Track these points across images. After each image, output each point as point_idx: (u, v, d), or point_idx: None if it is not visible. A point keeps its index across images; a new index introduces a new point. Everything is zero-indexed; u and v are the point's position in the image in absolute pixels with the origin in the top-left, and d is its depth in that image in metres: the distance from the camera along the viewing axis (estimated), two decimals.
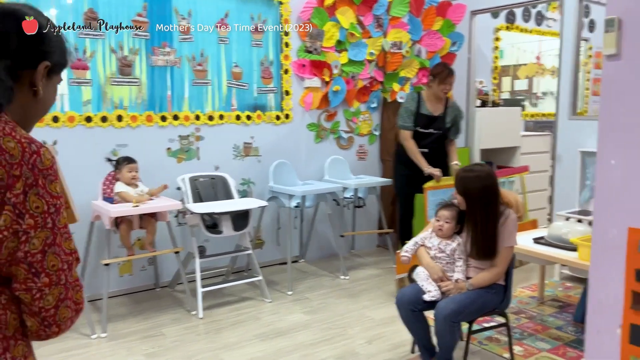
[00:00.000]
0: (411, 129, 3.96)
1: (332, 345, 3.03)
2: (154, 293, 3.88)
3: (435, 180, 3.88)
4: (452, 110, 4.09)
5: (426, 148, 3.99)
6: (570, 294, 3.85)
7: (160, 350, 2.98)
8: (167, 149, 3.91)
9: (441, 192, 3.84)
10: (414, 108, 3.96)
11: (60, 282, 0.97)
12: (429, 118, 3.99)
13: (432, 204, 3.76)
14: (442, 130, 4.03)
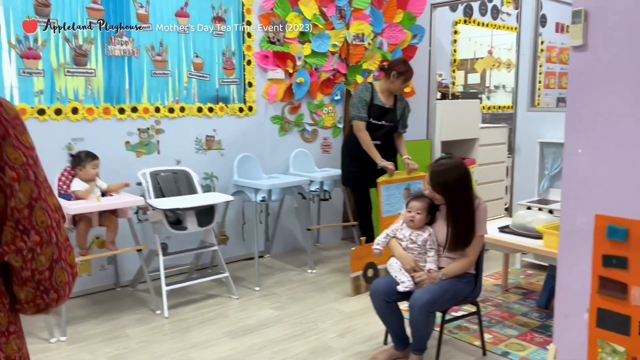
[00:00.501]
0: (366, 120, 3.87)
1: (304, 340, 2.99)
2: (114, 293, 3.73)
3: (388, 174, 3.78)
4: (402, 103, 4.07)
5: (378, 140, 3.91)
6: (533, 281, 3.95)
7: (126, 352, 2.86)
8: (125, 142, 3.76)
9: (394, 187, 3.80)
10: (368, 98, 3.88)
11: (51, 240, 0.89)
12: (382, 109, 3.93)
13: (386, 199, 3.74)
14: (394, 122, 3.99)
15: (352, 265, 3.62)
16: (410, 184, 3.90)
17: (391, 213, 3.72)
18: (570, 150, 2.50)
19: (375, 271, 3.74)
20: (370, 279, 3.67)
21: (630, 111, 2.28)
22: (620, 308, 2.36)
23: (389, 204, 3.75)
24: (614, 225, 2.35)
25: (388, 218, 3.66)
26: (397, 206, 3.77)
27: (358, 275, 3.65)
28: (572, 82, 2.47)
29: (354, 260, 3.63)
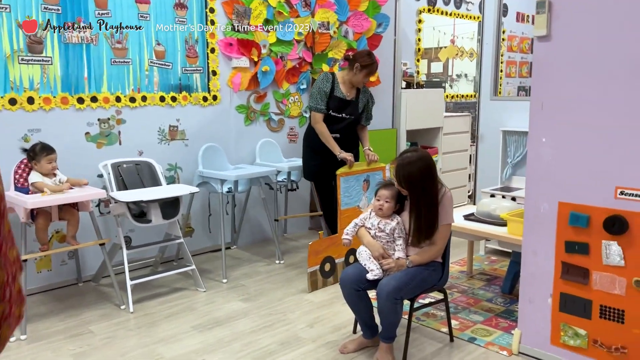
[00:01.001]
0: (324, 112, 3.77)
1: (274, 331, 2.97)
2: (76, 288, 3.62)
3: (347, 166, 3.69)
4: (365, 95, 3.95)
5: (338, 133, 3.82)
6: (496, 267, 4.04)
7: (90, 349, 2.78)
8: (85, 133, 3.63)
9: (353, 179, 3.73)
10: (328, 90, 3.77)
11: (4, 298, 0.83)
12: (343, 102, 3.82)
13: (345, 191, 3.68)
14: (354, 115, 3.88)
15: (309, 259, 3.52)
16: (370, 176, 3.84)
17: (350, 205, 3.68)
18: (534, 138, 2.55)
19: (333, 265, 3.66)
20: (328, 273, 3.62)
21: (592, 100, 2.34)
22: (582, 292, 2.44)
23: (348, 196, 3.68)
24: (577, 212, 2.41)
25: (347, 210, 3.63)
26: (356, 198, 3.73)
27: (315, 270, 3.56)
28: (536, 71, 2.52)
29: (312, 254, 3.52)
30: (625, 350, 2.33)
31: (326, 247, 3.59)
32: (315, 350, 2.75)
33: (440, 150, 5.65)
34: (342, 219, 3.60)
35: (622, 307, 2.31)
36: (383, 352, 2.61)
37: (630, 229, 2.25)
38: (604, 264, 2.34)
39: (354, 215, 3.61)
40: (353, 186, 3.71)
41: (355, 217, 3.51)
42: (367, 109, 4.00)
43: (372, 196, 3.69)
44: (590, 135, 2.35)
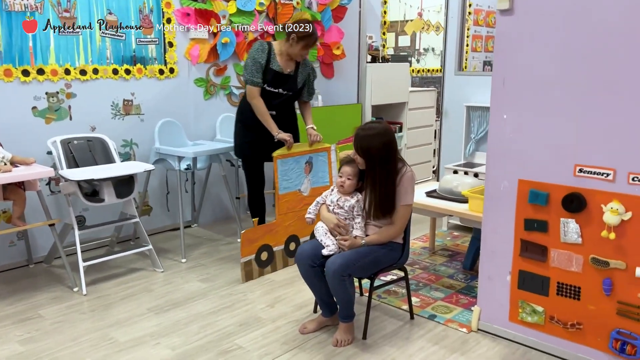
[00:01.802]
0: (260, 86, 3.39)
1: (233, 312, 2.91)
2: (27, 270, 3.47)
3: (286, 147, 3.38)
4: (305, 69, 3.57)
5: (273, 110, 3.46)
6: (458, 243, 4.06)
7: (38, 335, 2.67)
8: (32, 108, 3.43)
9: (293, 161, 3.45)
10: (264, 61, 3.38)
11: None
12: (279, 76, 3.44)
13: (283, 174, 3.40)
14: (292, 91, 3.52)
15: (242, 249, 3.25)
16: (313, 157, 3.56)
17: (289, 189, 3.46)
18: (495, 115, 2.51)
19: (271, 254, 3.42)
20: (265, 262, 3.39)
21: (553, 77, 2.30)
22: (540, 270, 2.44)
23: (287, 179, 3.43)
24: (536, 190, 2.39)
25: (286, 195, 3.44)
26: (297, 182, 3.50)
27: (250, 259, 3.31)
28: (498, 46, 2.46)
29: (245, 243, 3.26)
30: (581, 326, 2.35)
31: (262, 234, 3.35)
32: (275, 331, 2.71)
33: (405, 125, 5.60)
34: (280, 204, 3.42)
35: (578, 284, 2.33)
36: (342, 331, 2.59)
37: (588, 207, 2.25)
38: (562, 242, 2.34)
39: (294, 200, 3.48)
40: (293, 169, 3.46)
41: (295, 202, 3.45)
42: (309, 84, 3.65)
43: (316, 179, 3.58)
44: (550, 113, 2.32)
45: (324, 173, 3.66)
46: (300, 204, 3.52)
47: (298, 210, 3.51)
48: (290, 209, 3.48)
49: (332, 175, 3.67)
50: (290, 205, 3.47)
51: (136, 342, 2.60)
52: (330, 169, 3.68)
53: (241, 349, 2.54)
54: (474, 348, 2.55)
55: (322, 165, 3.64)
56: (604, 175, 2.19)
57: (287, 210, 3.47)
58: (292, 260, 3.52)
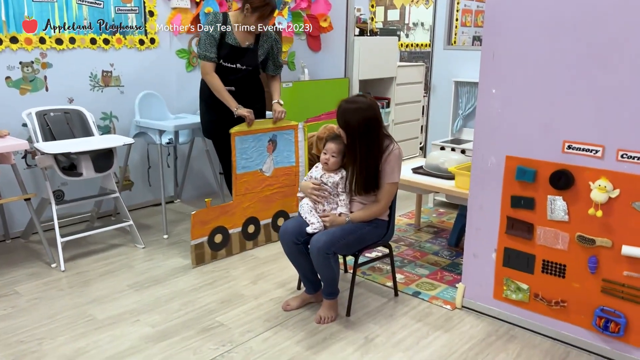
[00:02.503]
0: (214, 61, 3.18)
1: (216, 289, 2.86)
2: (3, 246, 3.38)
3: (246, 124, 3.18)
4: (267, 41, 3.33)
5: (232, 85, 3.25)
6: (444, 220, 4.03)
7: (14, 312, 2.60)
8: (6, 78, 3.30)
9: (254, 138, 3.23)
10: (217, 35, 3.16)
11: None
12: (236, 50, 3.21)
13: (243, 152, 3.19)
14: (252, 65, 3.30)
15: (193, 230, 3.05)
16: (278, 135, 3.35)
17: (250, 169, 3.25)
18: (484, 90, 2.44)
19: (226, 236, 3.22)
20: (219, 245, 3.20)
21: (543, 52, 2.24)
22: (526, 247, 2.42)
23: (247, 158, 3.22)
24: (524, 166, 2.35)
25: (245, 175, 3.23)
26: (258, 161, 3.28)
27: (202, 242, 3.11)
28: (489, 19, 2.38)
29: (197, 225, 3.07)
30: (565, 304, 2.34)
31: (216, 216, 3.14)
32: (258, 308, 2.67)
33: (393, 101, 5.53)
34: (238, 184, 3.21)
35: (563, 261, 2.31)
36: (325, 308, 2.55)
37: (576, 184, 2.21)
38: (549, 219, 2.31)
39: (254, 180, 3.27)
40: (254, 147, 3.24)
41: (255, 182, 3.27)
42: (273, 57, 3.40)
43: (280, 158, 3.37)
44: (540, 88, 2.26)
45: (290, 152, 3.44)
46: (262, 184, 3.34)
47: (258, 191, 3.33)
48: (250, 189, 3.28)
49: (299, 154, 3.47)
50: (249, 186, 3.28)
51: (115, 319, 2.54)
52: (297, 148, 3.46)
53: (223, 326, 2.50)
54: (457, 325, 2.53)
55: (288, 144, 3.42)
56: (593, 152, 2.15)
57: (245, 190, 3.26)
58: (249, 243, 3.36)
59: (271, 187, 3.39)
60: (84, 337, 2.39)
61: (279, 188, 3.43)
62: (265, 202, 3.39)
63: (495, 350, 2.33)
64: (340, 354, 2.29)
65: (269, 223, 3.46)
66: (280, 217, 3.49)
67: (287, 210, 3.51)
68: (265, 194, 3.37)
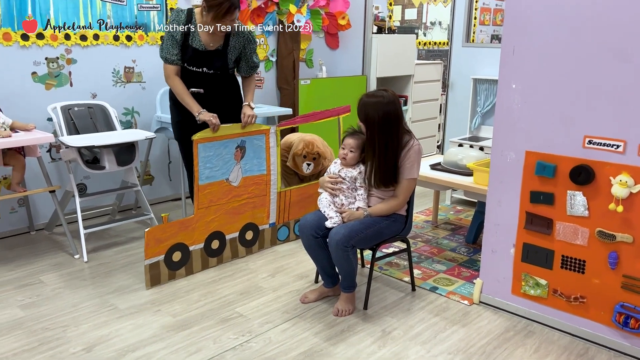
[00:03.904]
0: (177, 64, 2.92)
1: (235, 281, 2.90)
2: (28, 237, 3.46)
3: (210, 130, 2.85)
4: (238, 40, 3.00)
5: (200, 87, 2.99)
6: (462, 217, 4.03)
7: (39, 300, 2.66)
8: (32, 73, 3.38)
9: (219, 145, 2.90)
10: (179, 36, 2.87)
11: None
12: (201, 54, 2.92)
13: (206, 161, 2.85)
14: (219, 70, 2.99)
15: (147, 249, 2.72)
16: (247, 141, 3.03)
17: (214, 179, 2.92)
18: (503, 85, 2.44)
19: (186, 254, 2.89)
20: (177, 264, 2.87)
21: (563, 46, 2.23)
22: (545, 243, 2.41)
23: (211, 167, 2.89)
24: (543, 161, 2.35)
25: (209, 185, 2.90)
26: (224, 170, 2.95)
27: (157, 261, 2.78)
28: (509, 14, 2.38)
29: (151, 244, 2.73)
30: (584, 300, 2.33)
31: (175, 232, 2.81)
32: (276, 300, 2.70)
33: (411, 98, 5.53)
34: (200, 196, 2.88)
35: (583, 257, 2.30)
36: (343, 301, 2.58)
37: (596, 179, 2.20)
38: (568, 215, 2.30)
39: (219, 191, 2.94)
40: (219, 154, 2.91)
41: (220, 193, 2.94)
42: (246, 57, 3.08)
43: (249, 166, 3.03)
44: (560, 83, 2.26)
45: (260, 160, 3.11)
46: (228, 195, 3.01)
47: (224, 202, 3.00)
48: (214, 201, 2.95)
49: (271, 162, 3.17)
50: (213, 198, 2.94)
51: (137, 308, 2.59)
52: (269, 155, 3.15)
53: (242, 316, 2.53)
54: (475, 320, 2.53)
55: (258, 150, 3.09)
56: (614, 147, 2.14)
57: (209, 203, 2.93)
58: (213, 260, 3.03)
59: (239, 198, 3.06)
60: (106, 325, 2.44)
61: (248, 199, 3.11)
62: (232, 214, 3.05)
63: (514, 345, 2.33)
64: (358, 346, 2.31)
65: (235, 237, 3.12)
66: (249, 230, 3.18)
67: (257, 223, 3.20)
68: (232, 205, 3.04)
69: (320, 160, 3.52)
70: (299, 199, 3.41)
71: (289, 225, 3.43)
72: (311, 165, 3.48)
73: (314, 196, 3.39)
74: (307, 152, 3.45)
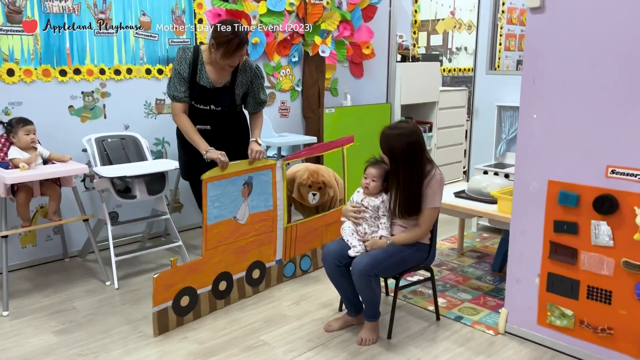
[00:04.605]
0: (185, 101, 2.92)
1: (259, 308, 2.94)
2: (62, 264, 3.58)
3: (219, 168, 2.80)
4: (245, 76, 3.00)
5: (208, 124, 3.00)
6: (488, 245, 4.00)
7: (72, 326, 2.75)
8: (69, 107, 3.54)
9: (227, 183, 2.84)
10: (186, 74, 2.88)
11: None
12: (209, 91, 2.93)
13: (215, 200, 2.77)
14: (227, 107, 3.00)
15: (155, 296, 2.59)
16: (254, 177, 2.96)
17: (222, 218, 2.83)
18: (525, 115, 2.47)
19: (194, 298, 2.78)
20: (185, 309, 2.74)
21: (585, 76, 2.25)
22: (570, 273, 2.39)
23: (219, 206, 2.81)
24: (566, 191, 2.35)
25: (218, 225, 2.81)
26: (232, 208, 2.87)
27: (165, 307, 2.65)
28: (529, 45, 2.42)
29: (160, 290, 2.61)
30: (612, 331, 2.29)
31: (183, 276, 2.71)
32: (300, 328, 2.73)
33: (436, 125, 5.56)
34: (209, 236, 2.79)
35: (609, 287, 2.27)
36: (367, 330, 2.59)
37: (620, 209, 2.19)
38: (593, 244, 2.29)
39: (226, 230, 2.85)
40: (228, 193, 2.85)
41: (228, 232, 2.85)
42: (253, 93, 3.06)
43: (256, 203, 2.97)
44: (582, 112, 2.27)
45: (267, 195, 3.04)
46: (235, 234, 2.92)
47: (232, 241, 2.91)
48: (222, 241, 2.86)
49: (277, 197, 3.09)
50: (221, 237, 2.85)
51: (164, 336, 2.65)
52: (275, 189, 3.07)
53: (266, 345, 2.57)
54: (500, 351, 2.51)
55: (265, 186, 3.02)
56: (638, 177, 2.13)
57: (217, 243, 2.83)
58: (221, 302, 2.92)
59: (246, 236, 2.97)
60: (135, 351, 2.51)
61: (255, 236, 3.02)
62: (239, 253, 2.96)
63: None
64: None
65: (242, 277, 3.02)
66: (256, 269, 3.08)
67: (264, 260, 3.11)
68: (239, 244, 2.95)
69: (326, 190, 3.45)
70: (305, 233, 3.33)
71: (295, 261, 3.32)
72: (317, 195, 3.42)
73: (319, 230, 3.40)
74: (312, 181, 3.41)
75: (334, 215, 3.45)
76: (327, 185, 3.46)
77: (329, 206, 3.57)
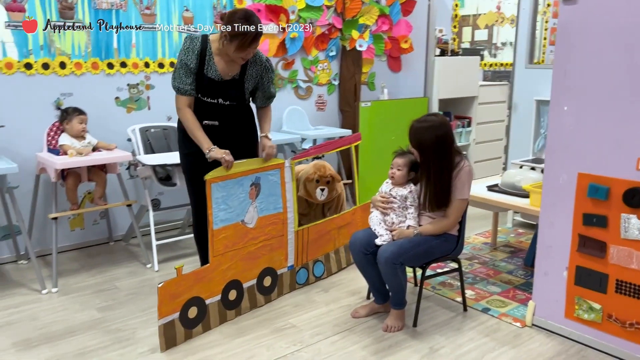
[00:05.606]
0: (191, 94, 2.65)
1: (290, 293, 3.04)
2: (107, 247, 3.79)
3: (224, 168, 2.59)
4: (255, 69, 2.75)
5: (215, 119, 2.72)
6: (522, 240, 3.96)
7: (114, 304, 2.93)
8: (115, 98, 3.74)
9: (234, 184, 2.64)
10: (194, 65, 2.61)
11: None
12: (217, 84, 2.66)
13: (220, 202, 2.58)
14: (236, 101, 2.74)
15: (161, 308, 2.40)
16: (261, 177, 2.77)
17: (229, 222, 2.63)
18: (555, 107, 2.46)
19: (202, 308, 2.58)
20: (193, 321, 2.55)
21: (616, 68, 2.23)
22: (599, 266, 2.38)
23: (226, 209, 2.62)
24: (596, 184, 2.33)
25: (224, 229, 2.61)
26: (239, 210, 2.68)
27: (172, 320, 2.45)
28: (560, 37, 2.41)
29: (165, 301, 2.41)
30: None
31: (190, 285, 2.52)
32: (328, 314, 2.80)
33: (475, 120, 5.51)
34: (216, 242, 2.60)
35: (639, 282, 2.24)
36: (393, 317, 2.64)
37: None
38: (622, 238, 2.26)
39: (234, 235, 2.67)
40: (234, 194, 2.66)
41: (236, 237, 2.68)
42: (263, 87, 2.83)
43: (265, 205, 2.81)
44: (613, 105, 2.25)
45: (276, 197, 2.85)
46: (244, 239, 2.72)
47: (241, 247, 2.71)
48: (230, 246, 2.66)
49: (287, 198, 2.91)
50: (229, 242, 2.66)
51: None
52: (284, 190, 2.89)
53: (294, 327, 2.66)
54: (526, 342, 2.52)
55: (274, 187, 2.84)
56: None
57: (225, 248, 2.64)
58: (231, 313, 2.73)
59: (255, 241, 2.78)
60: None
61: (265, 241, 2.83)
62: (249, 259, 2.77)
63: None
64: None
65: (253, 285, 2.82)
66: (267, 276, 2.89)
67: (275, 267, 2.91)
68: (248, 250, 2.75)
69: (334, 185, 3.29)
70: (317, 236, 3.14)
71: (308, 266, 3.13)
72: (325, 190, 3.24)
73: (332, 233, 3.25)
74: (319, 175, 3.24)
75: (346, 217, 3.33)
76: (335, 180, 3.32)
77: (336, 205, 3.46)
